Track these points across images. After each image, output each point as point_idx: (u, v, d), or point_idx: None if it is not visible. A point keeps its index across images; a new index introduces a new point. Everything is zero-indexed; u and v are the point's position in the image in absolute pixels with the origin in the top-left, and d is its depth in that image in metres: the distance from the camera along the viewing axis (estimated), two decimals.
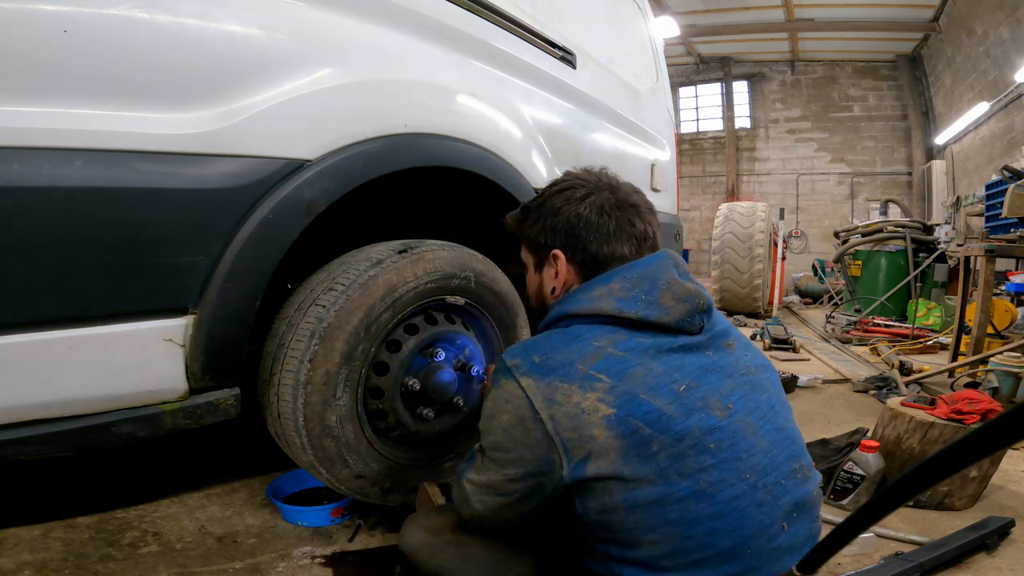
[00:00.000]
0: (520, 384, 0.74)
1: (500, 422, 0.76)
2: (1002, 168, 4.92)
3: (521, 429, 0.74)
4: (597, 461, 0.70)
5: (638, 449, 0.69)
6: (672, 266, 0.83)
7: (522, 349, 0.79)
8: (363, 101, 1.13)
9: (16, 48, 0.73)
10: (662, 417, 0.70)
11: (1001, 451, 1.63)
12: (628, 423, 0.69)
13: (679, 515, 0.69)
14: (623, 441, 0.69)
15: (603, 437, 0.69)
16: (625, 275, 0.80)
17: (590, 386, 0.71)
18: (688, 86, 12.42)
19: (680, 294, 0.78)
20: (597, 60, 2.07)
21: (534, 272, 0.95)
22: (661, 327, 0.76)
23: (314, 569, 1.15)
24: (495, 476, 0.79)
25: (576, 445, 0.71)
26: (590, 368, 0.73)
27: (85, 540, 1.21)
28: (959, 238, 6.75)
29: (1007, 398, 2.27)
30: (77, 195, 0.77)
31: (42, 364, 0.79)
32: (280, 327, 1.12)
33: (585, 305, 0.80)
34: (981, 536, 1.28)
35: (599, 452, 0.70)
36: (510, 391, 0.75)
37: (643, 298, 0.77)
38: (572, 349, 0.75)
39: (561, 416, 0.71)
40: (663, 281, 0.79)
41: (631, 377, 0.72)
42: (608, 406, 0.70)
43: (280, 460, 1.36)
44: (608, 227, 0.85)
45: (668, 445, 0.70)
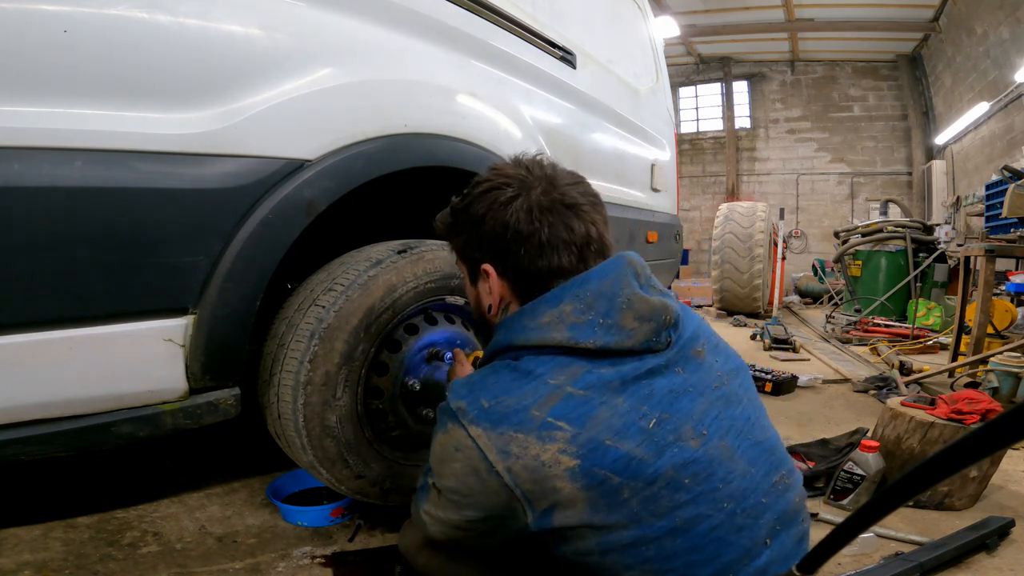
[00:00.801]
0: (469, 433, 0.66)
1: (452, 469, 0.69)
2: (1002, 168, 4.92)
3: (476, 479, 0.67)
4: (564, 511, 0.64)
5: (607, 499, 0.63)
6: (631, 276, 0.71)
7: (468, 389, 0.70)
8: (363, 101, 1.13)
9: (16, 48, 0.73)
10: (632, 463, 0.63)
11: (1001, 451, 1.63)
12: (594, 474, 0.63)
13: (656, 552, 0.65)
14: (590, 493, 0.63)
15: (567, 489, 0.63)
16: (577, 293, 0.69)
17: (549, 436, 0.63)
18: (688, 86, 12.42)
19: (643, 311, 0.68)
20: (597, 60, 2.07)
21: (470, 284, 0.85)
22: (624, 352, 0.67)
23: (314, 569, 1.15)
24: (453, 515, 0.73)
25: (539, 496, 0.64)
26: (547, 415, 0.64)
27: (85, 540, 1.21)
28: (959, 238, 6.75)
29: (1007, 398, 2.27)
30: (77, 195, 0.77)
31: (42, 364, 0.79)
32: (280, 327, 1.12)
33: (533, 335, 0.70)
34: (981, 536, 1.28)
35: (565, 503, 0.64)
36: (458, 439, 0.68)
37: (600, 322, 0.67)
38: (525, 391, 0.66)
39: (519, 468, 0.64)
40: (622, 298, 0.68)
41: (595, 421, 0.64)
42: (571, 457, 0.63)
43: (280, 460, 1.36)
44: (540, 236, 0.72)
45: (640, 490, 0.63)
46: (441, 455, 0.71)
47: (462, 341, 1.31)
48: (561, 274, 0.73)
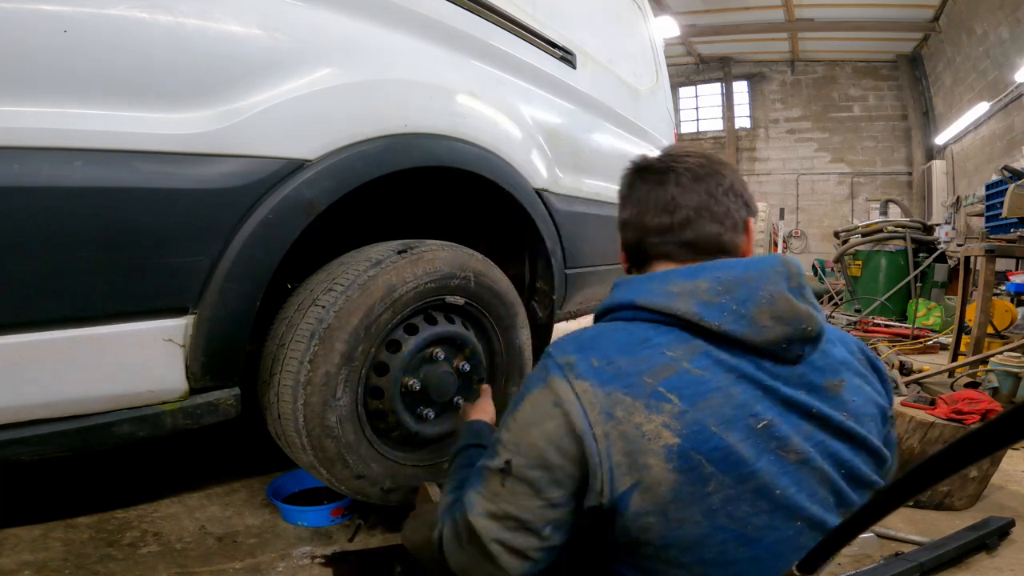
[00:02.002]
0: (574, 388, 0.61)
1: (544, 431, 0.61)
2: (1002, 168, 4.92)
3: (569, 440, 0.60)
4: (644, 494, 0.59)
5: (692, 488, 0.59)
6: (783, 276, 0.65)
7: (577, 345, 0.65)
8: (363, 101, 1.13)
9: (16, 48, 0.73)
10: (730, 456, 0.59)
11: (1001, 451, 1.63)
12: (690, 458, 0.59)
13: (714, 556, 0.61)
14: (679, 477, 0.58)
15: (658, 468, 0.58)
16: (719, 275, 0.65)
17: (657, 406, 0.59)
18: (688, 86, 12.43)
19: (783, 313, 0.63)
20: (597, 60, 2.07)
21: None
22: (747, 346, 0.63)
23: (314, 569, 1.15)
24: (529, 502, 0.63)
25: (624, 473, 0.59)
26: (659, 384, 0.60)
27: (85, 540, 1.21)
28: (959, 238, 6.76)
29: (1007, 398, 2.27)
30: (77, 195, 0.77)
31: (42, 364, 0.79)
32: (280, 327, 1.12)
33: (658, 300, 0.65)
34: (981, 536, 1.28)
35: (649, 485, 0.59)
36: (561, 394, 0.61)
37: (733, 308, 0.62)
38: (640, 357, 0.62)
39: (617, 436, 0.59)
40: (766, 293, 0.63)
41: (705, 403, 0.60)
42: (673, 434, 0.58)
43: (280, 460, 1.36)
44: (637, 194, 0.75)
45: (727, 487, 0.59)
46: (533, 414, 0.63)
47: (462, 342, 1.31)
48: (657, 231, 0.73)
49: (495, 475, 0.65)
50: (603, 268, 2.04)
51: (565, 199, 1.77)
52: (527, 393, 0.66)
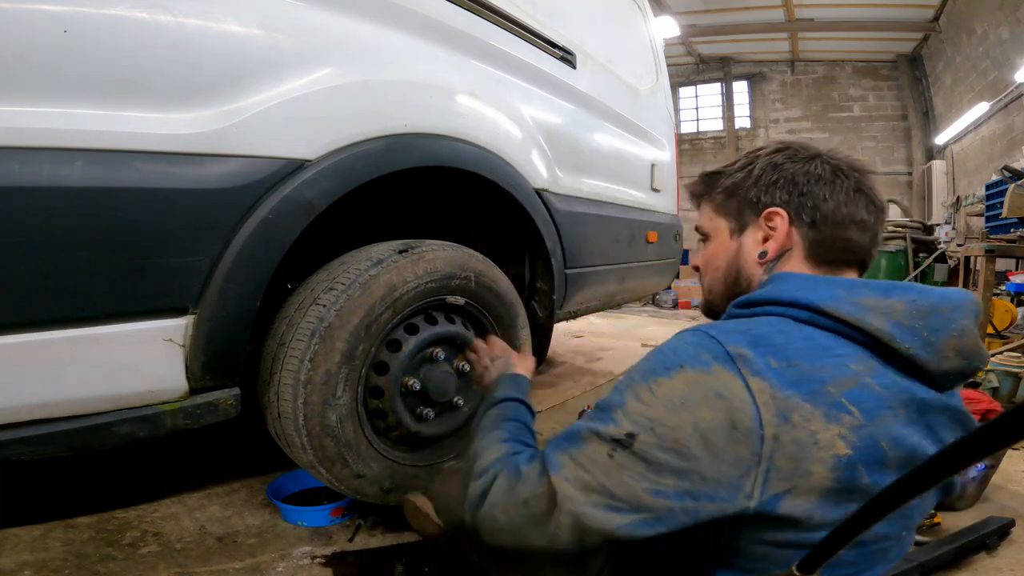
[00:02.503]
0: (748, 383, 0.57)
1: (696, 416, 0.57)
2: (1002, 168, 4.92)
3: (726, 436, 0.56)
4: (796, 499, 0.57)
5: (842, 496, 0.57)
6: (973, 313, 0.64)
7: (750, 340, 0.60)
8: (363, 101, 1.13)
9: (16, 48, 0.73)
10: (887, 470, 0.58)
11: (1001, 451, 1.63)
12: (855, 469, 0.57)
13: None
14: (837, 486, 0.57)
15: (820, 476, 0.56)
16: (913, 299, 0.62)
17: (836, 417, 0.57)
18: (688, 86, 12.42)
19: (966, 348, 0.61)
20: (597, 60, 2.07)
21: (728, 238, 0.78)
22: (920, 372, 0.61)
23: (314, 569, 1.15)
24: (634, 481, 0.58)
25: (781, 478, 0.56)
26: (842, 395, 0.57)
27: (85, 540, 1.21)
28: (959, 238, 6.75)
29: (1007, 398, 2.27)
30: (77, 195, 0.77)
31: (42, 364, 0.79)
32: (280, 327, 1.12)
33: (847, 309, 0.61)
34: (981, 536, 1.28)
35: (804, 490, 0.56)
36: (728, 386, 0.57)
37: (924, 335, 0.60)
38: (824, 364, 0.59)
39: (788, 441, 0.56)
40: (957, 326, 0.61)
41: (881, 420, 0.58)
42: (847, 446, 0.56)
43: (280, 460, 1.36)
44: (845, 186, 0.71)
45: (866, 496, 0.57)
46: (687, 396, 0.58)
47: (462, 342, 1.31)
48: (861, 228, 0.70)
49: (604, 443, 0.60)
50: (603, 268, 2.04)
51: (565, 199, 1.77)
52: (676, 368, 0.60)
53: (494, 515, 0.65)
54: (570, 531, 0.60)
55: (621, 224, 2.18)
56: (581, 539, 0.60)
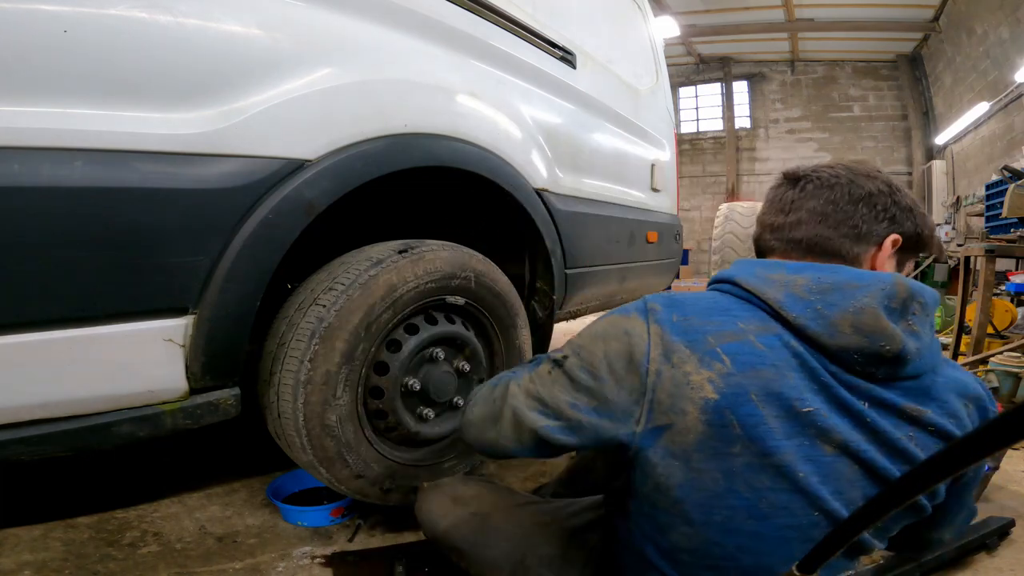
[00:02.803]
0: (649, 328, 0.69)
1: (607, 346, 0.71)
2: (1002, 168, 4.92)
3: (624, 364, 0.69)
4: (672, 437, 0.66)
5: (718, 443, 0.64)
6: (885, 295, 0.65)
7: (667, 301, 0.73)
8: (363, 101, 1.13)
9: (16, 48, 0.73)
10: (760, 427, 0.63)
11: (1001, 451, 1.63)
12: (723, 415, 0.64)
13: (722, 520, 0.66)
14: (709, 429, 0.64)
15: (691, 416, 0.65)
16: (820, 276, 0.67)
17: (709, 363, 0.65)
18: (688, 86, 12.43)
19: (865, 326, 0.63)
20: (597, 60, 2.07)
21: None
22: (817, 345, 0.65)
23: (314, 569, 1.15)
24: (560, 394, 0.73)
25: (662, 411, 0.66)
26: (719, 346, 0.66)
27: (85, 540, 1.21)
28: (959, 238, 6.75)
29: (1007, 398, 2.27)
30: (77, 195, 0.77)
31: (42, 364, 0.79)
32: (280, 327, 1.12)
33: (751, 281, 0.71)
34: (981, 536, 1.28)
35: (680, 430, 0.65)
36: (635, 325, 0.70)
37: (818, 308, 0.65)
38: (713, 320, 0.69)
39: (667, 377, 0.66)
40: (858, 304, 0.64)
41: (755, 374, 0.64)
42: (714, 390, 0.64)
43: (280, 460, 1.36)
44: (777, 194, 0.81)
45: (752, 455, 0.64)
46: (603, 331, 0.73)
47: (462, 342, 1.31)
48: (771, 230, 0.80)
49: (548, 363, 0.77)
50: (603, 268, 2.04)
51: (565, 199, 1.77)
52: (610, 315, 0.75)
53: (472, 410, 0.86)
54: (511, 426, 0.76)
55: (621, 224, 2.18)
56: (519, 436, 0.76)
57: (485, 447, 0.83)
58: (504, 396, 0.79)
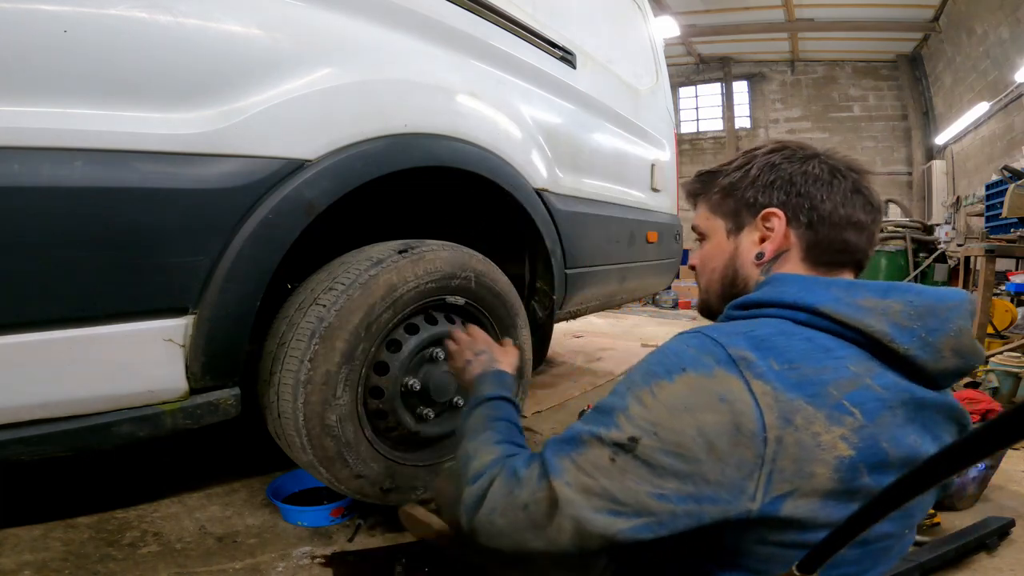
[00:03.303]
0: (750, 386, 0.56)
1: (700, 421, 0.57)
2: (1002, 168, 4.92)
3: (730, 440, 0.56)
4: (798, 500, 0.56)
5: (841, 496, 0.57)
6: (969, 313, 0.65)
7: (751, 343, 0.59)
8: (363, 101, 1.13)
9: (16, 48, 0.73)
10: (888, 470, 0.58)
11: (1001, 451, 1.63)
12: (858, 471, 0.57)
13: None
14: (841, 487, 0.57)
15: (823, 477, 0.56)
16: (910, 299, 0.62)
17: (839, 419, 0.57)
18: (688, 86, 12.43)
19: (964, 349, 0.63)
20: (597, 60, 2.07)
21: (725, 239, 0.78)
22: (918, 371, 0.62)
23: (314, 569, 1.15)
24: (636, 485, 0.57)
25: (785, 479, 0.56)
26: (844, 397, 0.58)
27: (85, 540, 1.21)
28: (959, 238, 6.75)
29: (1007, 398, 2.27)
30: (77, 195, 0.77)
31: (42, 364, 0.79)
32: (280, 327, 1.12)
33: (846, 310, 0.61)
34: (981, 536, 1.28)
35: (807, 492, 0.56)
36: (730, 389, 0.57)
37: (922, 335, 0.61)
38: (825, 366, 0.59)
39: (791, 443, 0.56)
40: (955, 327, 0.62)
41: (881, 420, 0.58)
42: (849, 447, 0.57)
43: (280, 460, 1.36)
44: (843, 187, 0.71)
45: (867, 496, 0.57)
46: (687, 400, 0.58)
47: None
48: (857, 229, 0.71)
49: (605, 447, 0.59)
50: (603, 268, 2.04)
51: (565, 199, 1.77)
52: (678, 371, 0.59)
53: (492, 519, 0.64)
54: (571, 535, 0.59)
55: (621, 224, 2.18)
56: (582, 543, 0.59)
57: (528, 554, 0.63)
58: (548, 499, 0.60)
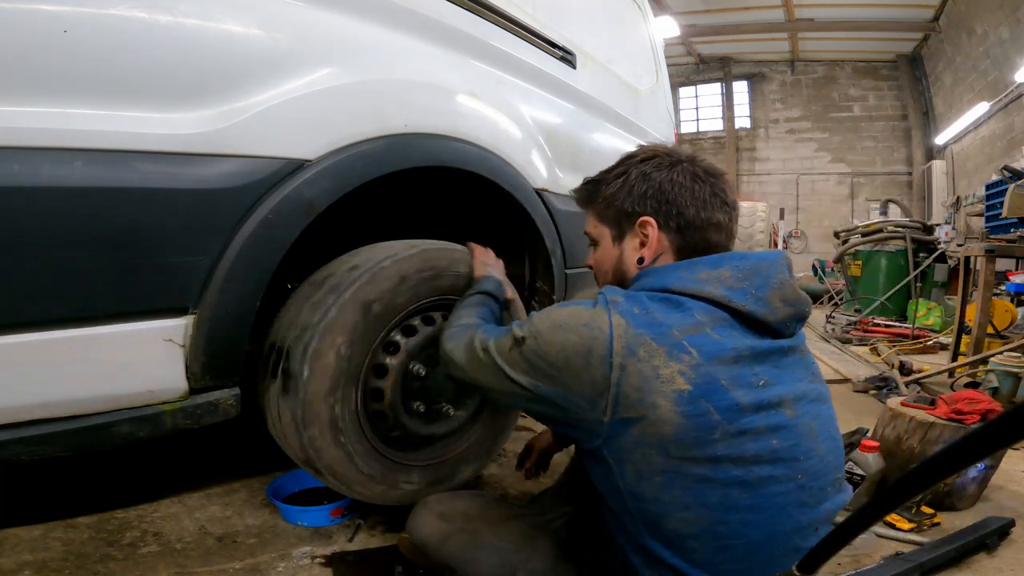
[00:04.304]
0: (611, 319, 0.70)
1: (565, 339, 0.72)
2: (1002, 168, 4.93)
3: (583, 361, 0.70)
4: (646, 428, 0.67)
5: (698, 432, 0.67)
6: (785, 267, 0.79)
7: (625, 295, 0.74)
8: (363, 101, 1.13)
9: (16, 48, 0.73)
10: (734, 408, 0.68)
11: (1001, 451, 1.63)
12: (699, 404, 0.67)
13: (718, 500, 0.68)
14: (687, 421, 0.66)
15: (665, 409, 0.66)
16: (737, 265, 0.76)
17: (677, 356, 0.68)
18: (688, 86, 12.44)
19: (789, 297, 0.76)
20: (597, 60, 2.07)
21: (611, 245, 0.89)
22: (762, 325, 0.74)
23: (314, 569, 1.15)
24: (520, 376, 0.77)
25: (629, 405, 0.68)
26: (684, 338, 0.69)
27: (85, 540, 1.21)
28: (959, 238, 6.76)
29: (1007, 398, 2.27)
30: (77, 195, 0.77)
31: (42, 364, 0.79)
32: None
33: (689, 285, 0.74)
34: (981, 536, 1.28)
35: (653, 421, 0.67)
36: (596, 318, 0.71)
37: (752, 292, 0.74)
38: (673, 315, 0.71)
39: (633, 372, 0.67)
40: (776, 280, 0.76)
41: (719, 361, 0.69)
42: (686, 381, 0.67)
43: (280, 460, 1.36)
44: (703, 192, 0.82)
45: (730, 435, 0.67)
46: (563, 321, 0.74)
47: None
48: (717, 229, 0.82)
49: (510, 338, 0.79)
50: None
51: (565, 199, 1.77)
52: (573, 304, 0.76)
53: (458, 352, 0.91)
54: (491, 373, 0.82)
55: None
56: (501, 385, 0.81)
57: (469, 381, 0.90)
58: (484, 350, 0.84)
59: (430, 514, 0.95)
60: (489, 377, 0.83)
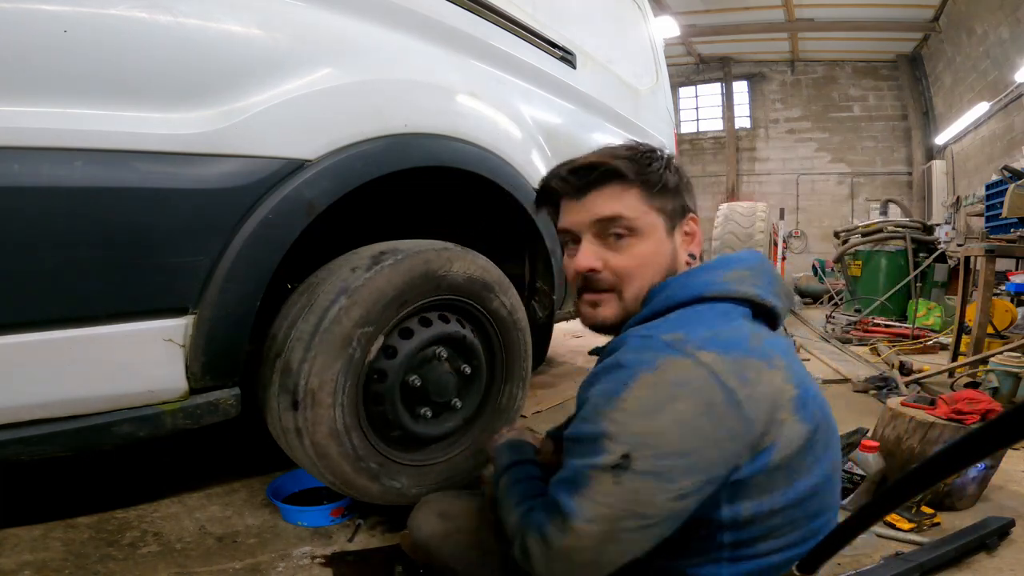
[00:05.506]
0: (700, 360, 0.57)
1: (673, 416, 0.56)
2: (1002, 168, 4.93)
3: (709, 419, 0.56)
4: (779, 453, 0.60)
5: (814, 436, 0.62)
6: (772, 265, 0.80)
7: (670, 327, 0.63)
8: (363, 101, 1.13)
9: (16, 48, 0.73)
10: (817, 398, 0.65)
11: (1001, 451, 1.63)
12: (807, 406, 0.62)
13: (803, 513, 0.64)
14: (806, 426, 0.61)
15: (789, 422, 0.60)
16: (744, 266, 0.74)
17: (772, 362, 0.60)
18: (688, 86, 12.42)
19: (784, 292, 0.77)
20: (597, 60, 2.07)
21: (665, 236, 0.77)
22: (774, 319, 0.74)
23: (314, 569, 1.15)
24: (655, 497, 0.57)
25: (767, 431, 0.59)
26: (764, 343, 0.62)
27: (85, 540, 1.21)
28: (959, 238, 6.75)
29: (1007, 398, 2.27)
30: (77, 195, 0.77)
31: (42, 364, 0.79)
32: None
33: (719, 288, 0.69)
34: (981, 536, 1.28)
35: (784, 441, 0.60)
36: (682, 371, 0.57)
37: (771, 289, 0.73)
38: (734, 326, 0.64)
39: (760, 395, 0.58)
40: (774, 276, 0.76)
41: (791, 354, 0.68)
42: (793, 385, 0.61)
43: (280, 460, 1.36)
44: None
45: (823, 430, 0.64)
46: (650, 401, 0.57)
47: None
48: None
49: (605, 473, 0.58)
50: None
51: None
52: (630, 379, 0.59)
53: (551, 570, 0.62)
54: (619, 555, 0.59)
55: None
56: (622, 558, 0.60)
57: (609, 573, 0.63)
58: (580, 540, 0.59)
59: (431, 513, 0.94)
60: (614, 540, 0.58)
